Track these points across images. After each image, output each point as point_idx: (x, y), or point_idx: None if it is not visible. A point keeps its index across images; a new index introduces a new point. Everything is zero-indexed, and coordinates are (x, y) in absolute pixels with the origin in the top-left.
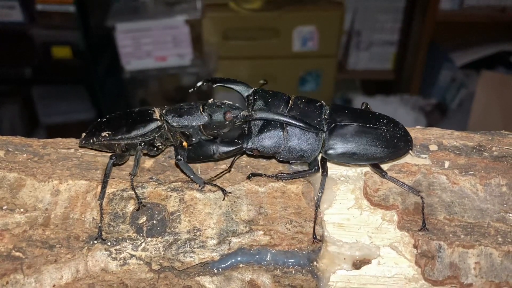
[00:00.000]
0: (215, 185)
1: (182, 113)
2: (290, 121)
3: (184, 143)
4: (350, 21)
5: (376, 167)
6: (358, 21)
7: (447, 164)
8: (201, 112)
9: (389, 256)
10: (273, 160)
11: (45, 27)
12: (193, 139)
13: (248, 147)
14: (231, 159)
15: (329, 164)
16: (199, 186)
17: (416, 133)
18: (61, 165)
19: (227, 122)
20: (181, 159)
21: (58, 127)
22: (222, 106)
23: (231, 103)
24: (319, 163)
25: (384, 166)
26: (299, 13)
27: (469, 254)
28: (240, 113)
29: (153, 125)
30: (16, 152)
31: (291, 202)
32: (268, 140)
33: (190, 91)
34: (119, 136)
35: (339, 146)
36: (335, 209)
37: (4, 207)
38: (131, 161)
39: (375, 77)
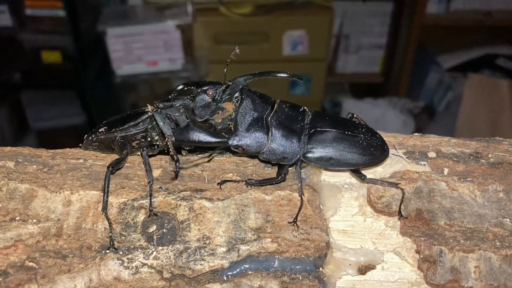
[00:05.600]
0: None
1: (170, 99)
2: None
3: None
4: (338, 25)
5: (356, 172)
6: (347, 25)
7: (446, 171)
8: (187, 97)
9: (392, 261)
10: None
11: (35, 32)
12: (181, 125)
13: (234, 143)
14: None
15: (332, 172)
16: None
17: (415, 140)
18: (71, 175)
19: (210, 100)
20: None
21: (48, 132)
22: (203, 85)
23: (215, 81)
24: (287, 171)
25: (384, 173)
26: (289, 18)
27: (469, 258)
28: (220, 87)
29: (144, 116)
30: (25, 163)
31: (297, 210)
32: (254, 139)
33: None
34: (114, 129)
35: (317, 150)
36: (339, 216)
37: (17, 218)
38: (130, 169)
39: (364, 80)
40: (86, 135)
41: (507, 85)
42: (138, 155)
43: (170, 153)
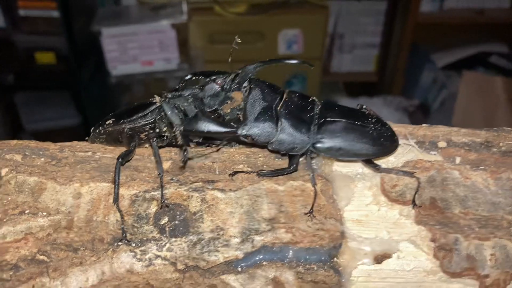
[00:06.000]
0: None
1: (178, 89)
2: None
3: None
4: (333, 24)
5: (369, 162)
6: (341, 24)
7: (458, 160)
8: (196, 86)
9: (407, 250)
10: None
11: (28, 33)
12: (189, 115)
13: (243, 133)
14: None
15: (344, 163)
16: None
17: (425, 130)
18: (80, 168)
19: (219, 89)
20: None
21: (43, 134)
22: (212, 74)
23: (223, 71)
24: (298, 161)
25: (396, 163)
26: (284, 17)
27: (484, 246)
28: (229, 76)
29: (152, 106)
30: (33, 156)
31: (310, 200)
32: (263, 129)
33: None
34: (122, 121)
35: (326, 140)
36: (353, 206)
37: (27, 211)
38: (140, 161)
39: (358, 79)
40: (93, 128)
41: (501, 82)
42: (146, 147)
43: (178, 143)
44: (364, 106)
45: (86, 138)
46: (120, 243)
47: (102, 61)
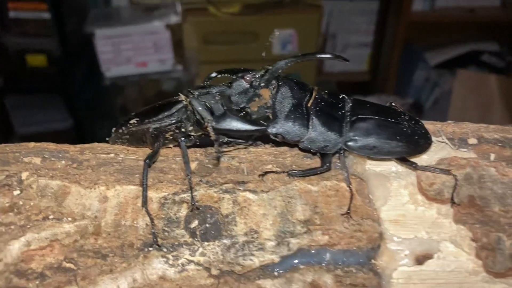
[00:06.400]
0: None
1: (205, 86)
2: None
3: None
4: (325, 24)
5: (404, 160)
6: (333, 24)
7: (492, 156)
8: (224, 83)
9: (447, 250)
10: (319, 159)
11: (19, 35)
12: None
13: (273, 131)
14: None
15: (376, 161)
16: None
17: (453, 127)
18: (103, 170)
19: (248, 85)
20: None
21: (34, 138)
22: (239, 72)
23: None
24: (331, 160)
25: (429, 161)
26: (278, 17)
27: None
28: (258, 72)
29: (179, 105)
30: (52, 158)
31: (345, 201)
32: (293, 126)
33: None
34: (147, 120)
35: (359, 138)
36: (390, 205)
37: (51, 217)
38: (165, 162)
39: (352, 78)
40: (114, 128)
41: (495, 80)
42: (170, 147)
43: (211, 137)
44: (393, 104)
45: (107, 139)
46: (151, 248)
47: (95, 63)
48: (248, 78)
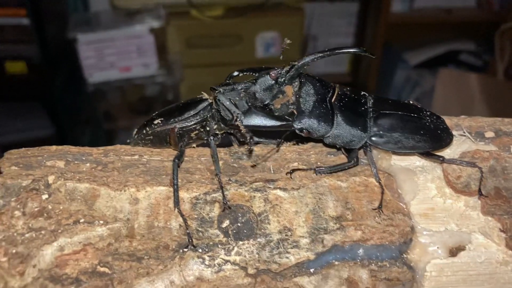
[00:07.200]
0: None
1: (229, 84)
2: (334, 51)
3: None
4: (306, 27)
5: (429, 154)
6: (314, 27)
7: None
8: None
9: (477, 242)
10: (343, 155)
11: None
12: (243, 109)
13: (299, 127)
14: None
15: (400, 156)
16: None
17: (469, 121)
18: (129, 172)
19: (273, 82)
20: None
21: (15, 146)
22: (262, 69)
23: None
24: (358, 155)
25: (452, 154)
26: (261, 19)
27: None
28: (283, 68)
29: (204, 103)
30: (76, 161)
31: (375, 196)
32: (319, 122)
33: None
34: (172, 120)
35: (384, 133)
36: (418, 199)
37: (82, 220)
38: (190, 163)
39: (333, 80)
40: (136, 130)
41: (475, 78)
42: (193, 147)
43: (242, 131)
44: (411, 101)
45: (128, 141)
46: (186, 249)
47: (77, 69)
48: (273, 74)
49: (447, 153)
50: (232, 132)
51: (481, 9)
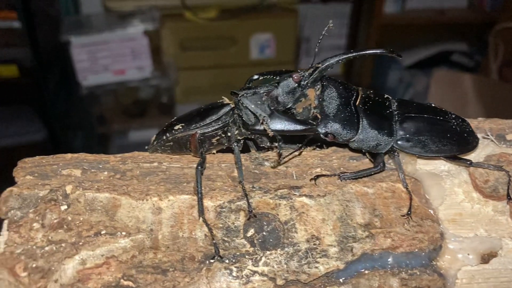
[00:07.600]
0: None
1: (251, 87)
2: (360, 52)
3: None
4: (299, 28)
5: (456, 158)
6: (307, 28)
7: None
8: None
9: (507, 248)
10: (365, 160)
11: None
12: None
13: (323, 131)
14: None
15: (425, 160)
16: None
17: (489, 124)
18: (149, 180)
19: (296, 85)
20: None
21: (8, 150)
22: (281, 74)
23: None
24: (384, 159)
25: (477, 158)
26: (255, 21)
27: None
28: (306, 71)
29: (226, 108)
30: (93, 170)
31: (403, 202)
32: (344, 126)
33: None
34: (194, 125)
35: (410, 137)
36: (446, 205)
37: (103, 232)
38: (210, 169)
39: None
40: (155, 136)
41: (469, 78)
42: (213, 153)
43: (269, 134)
44: (433, 104)
45: (146, 147)
46: (212, 260)
47: (70, 72)
48: (296, 77)
49: (471, 156)
50: (252, 137)
51: (473, 10)
